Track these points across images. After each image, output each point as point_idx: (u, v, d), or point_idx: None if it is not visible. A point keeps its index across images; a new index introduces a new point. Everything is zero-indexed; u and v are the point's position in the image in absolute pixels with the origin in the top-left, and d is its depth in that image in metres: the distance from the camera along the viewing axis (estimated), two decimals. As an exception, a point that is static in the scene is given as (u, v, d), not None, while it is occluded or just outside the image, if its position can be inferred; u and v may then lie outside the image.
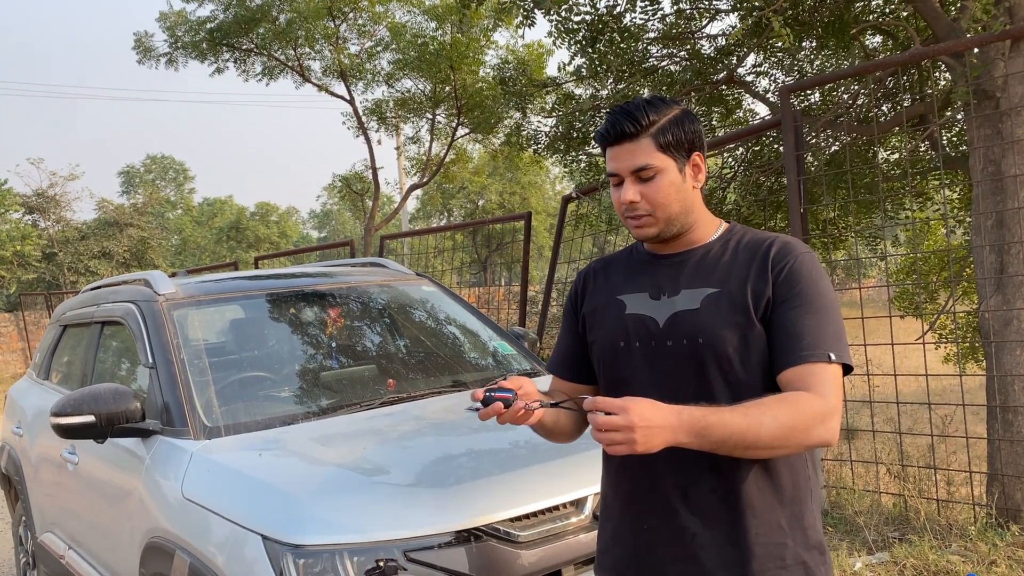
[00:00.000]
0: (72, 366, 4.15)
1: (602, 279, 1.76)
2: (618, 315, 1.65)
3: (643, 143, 1.57)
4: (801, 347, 1.48)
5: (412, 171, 18.35)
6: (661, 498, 1.56)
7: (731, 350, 1.52)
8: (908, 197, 6.19)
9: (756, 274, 1.56)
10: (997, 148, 4.23)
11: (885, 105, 6.09)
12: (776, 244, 1.59)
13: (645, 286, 1.65)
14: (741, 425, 1.37)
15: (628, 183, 1.59)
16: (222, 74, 15.93)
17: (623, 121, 1.57)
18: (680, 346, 1.55)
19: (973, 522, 4.13)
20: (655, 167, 1.57)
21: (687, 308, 1.57)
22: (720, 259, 1.62)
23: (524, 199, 30.28)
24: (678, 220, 1.60)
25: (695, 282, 1.59)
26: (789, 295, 1.53)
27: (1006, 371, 4.20)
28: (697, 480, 1.53)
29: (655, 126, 1.57)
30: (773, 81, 7.05)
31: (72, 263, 26.67)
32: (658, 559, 1.57)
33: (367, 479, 2.33)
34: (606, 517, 1.72)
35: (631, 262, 1.74)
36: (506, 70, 11.44)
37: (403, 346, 3.67)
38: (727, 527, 1.51)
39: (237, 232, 39.80)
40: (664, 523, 1.56)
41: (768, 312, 1.53)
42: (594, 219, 7.20)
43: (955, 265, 6.21)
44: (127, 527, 2.85)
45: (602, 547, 1.72)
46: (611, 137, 1.59)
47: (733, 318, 1.53)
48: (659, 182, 1.57)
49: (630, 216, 1.61)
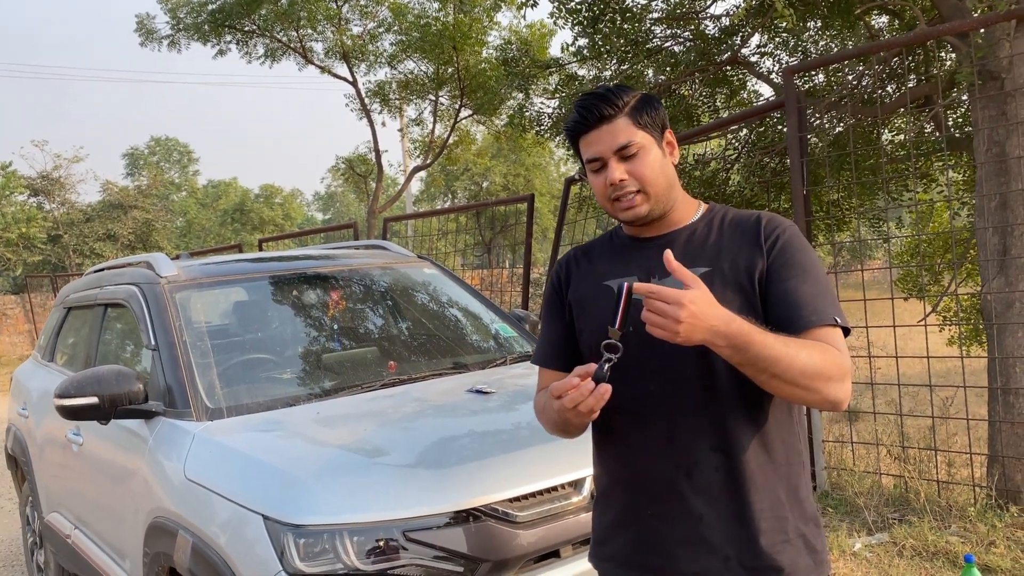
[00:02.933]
0: (76, 348, 4.18)
1: (585, 266, 1.73)
2: (607, 301, 1.58)
3: (620, 123, 1.58)
4: (808, 312, 1.50)
5: (415, 153, 18.31)
6: (664, 481, 1.56)
7: None
8: (912, 179, 6.17)
9: (747, 249, 1.57)
10: (1002, 129, 4.21)
11: (889, 86, 6.06)
12: (763, 219, 1.60)
13: (633, 270, 1.63)
14: (779, 351, 1.38)
15: (613, 163, 1.58)
16: (224, 56, 15.88)
17: (599, 103, 1.57)
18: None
19: (973, 503, 4.14)
20: (638, 143, 1.57)
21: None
22: (707, 238, 1.62)
23: (528, 181, 30.20)
24: (665, 196, 1.60)
25: (684, 262, 1.52)
26: (785, 265, 1.54)
27: (1008, 353, 4.20)
28: (700, 460, 1.53)
29: (628, 106, 1.59)
30: (777, 62, 7.01)
31: (77, 245, 26.73)
32: (666, 543, 1.56)
33: (368, 460, 2.35)
34: (604, 505, 1.69)
35: (613, 247, 1.72)
36: (509, 51, 11.38)
37: (404, 328, 3.68)
38: (733, 505, 1.53)
39: (241, 214, 39.82)
40: (670, 506, 1.56)
41: (762, 285, 1.54)
42: (597, 201, 7.17)
43: (958, 247, 6.19)
44: (131, 507, 2.88)
45: (599, 536, 1.70)
46: (589, 122, 1.59)
47: (727, 296, 1.51)
48: (644, 158, 1.58)
49: (619, 197, 1.59)
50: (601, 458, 1.70)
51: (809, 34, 6.74)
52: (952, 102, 5.62)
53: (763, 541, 1.52)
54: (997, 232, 4.25)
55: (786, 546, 1.54)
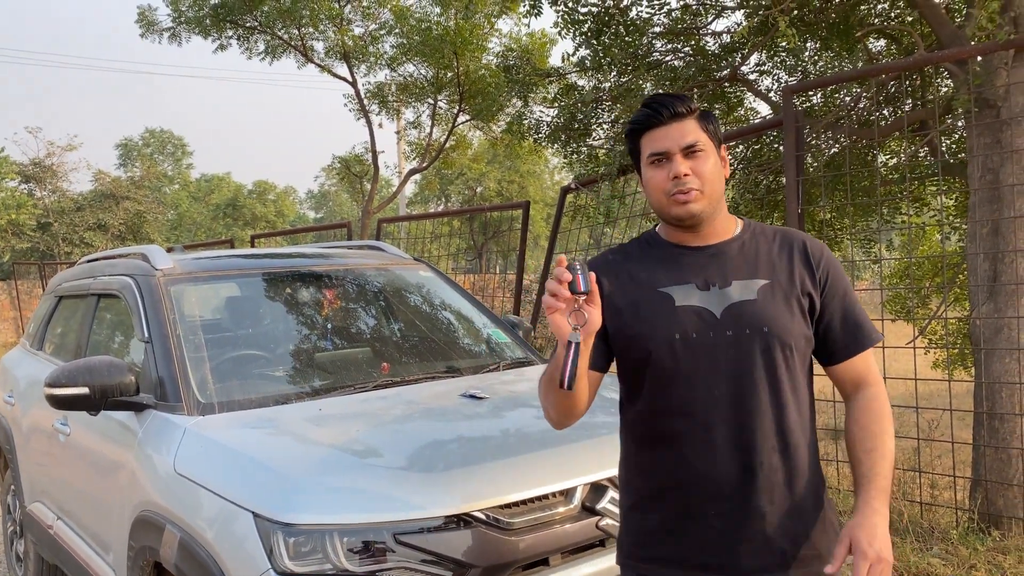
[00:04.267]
0: (66, 337, 4.16)
1: (628, 269, 1.74)
2: (667, 309, 1.66)
3: (690, 124, 1.66)
4: (864, 333, 1.71)
5: (412, 155, 18.30)
6: (730, 482, 1.62)
7: (792, 337, 1.64)
8: (905, 202, 6.22)
9: (799, 269, 1.69)
10: (996, 157, 4.25)
11: (886, 109, 6.10)
12: (807, 240, 1.73)
13: (689, 278, 1.68)
14: (891, 469, 1.65)
15: (679, 158, 1.65)
16: (225, 51, 15.85)
17: (675, 101, 1.66)
18: (742, 335, 1.63)
19: (955, 526, 4.18)
20: (703, 145, 1.66)
21: (744, 299, 1.64)
22: (758, 251, 1.71)
23: (522, 188, 30.24)
24: (717, 202, 1.69)
25: (744, 273, 1.68)
26: (836, 287, 1.70)
27: (994, 378, 4.24)
28: (764, 460, 1.62)
29: (697, 111, 1.69)
30: (776, 80, 7.05)
31: (67, 234, 26.58)
32: (728, 541, 1.62)
33: (360, 461, 2.35)
34: (647, 509, 1.71)
35: (657, 255, 1.74)
36: (510, 58, 11.39)
37: (398, 330, 3.68)
38: (790, 502, 1.63)
39: (234, 209, 39.68)
40: (735, 506, 1.62)
41: (814, 305, 1.68)
42: (592, 211, 7.21)
43: (948, 271, 6.25)
44: (117, 500, 2.87)
45: (642, 539, 1.71)
46: (663, 116, 1.66)
47: (788, 307, 1.65)
48: (707, 160, 1.66)
49: (679, 191, 1.65)
50: (647, 463, 1.72)
51: (808, 55, 6.79)
52: (948, 128, 5.67)
53: (813, 533, 1.66)
54: (988, 258, 4.29)
55: (824, 536, 1.68)
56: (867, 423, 1.67)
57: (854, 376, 1.73)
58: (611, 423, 2.77)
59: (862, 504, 1.60)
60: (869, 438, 1.66)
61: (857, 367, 1.72)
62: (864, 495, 1.61)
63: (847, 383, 1.74)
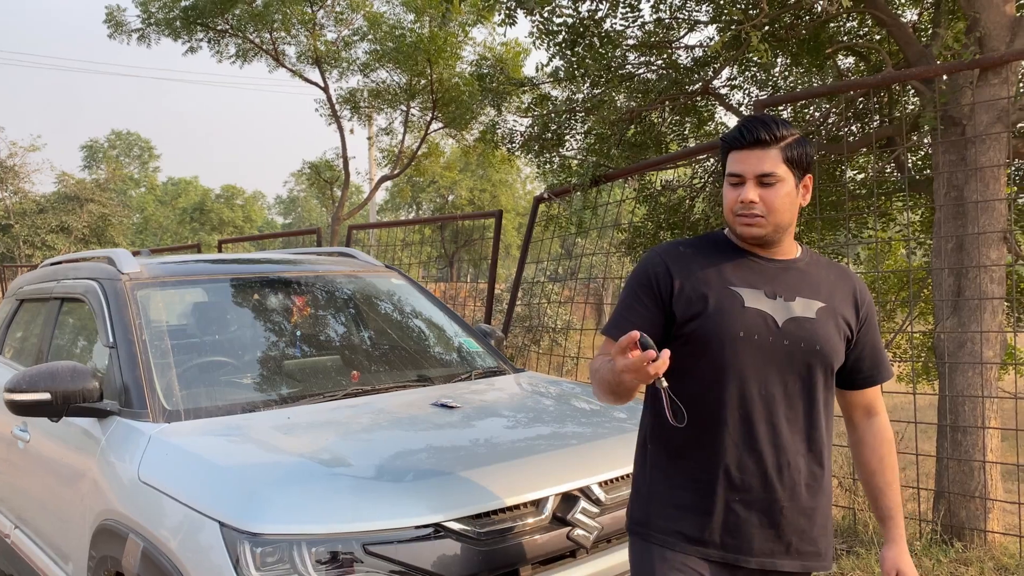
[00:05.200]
0: (27, 342, 4.06)
1: (699, 263, 1.84)
2: (736, 306, 1.79)
3: (772, 153, 1.76)
4: (885, 367, 1.96)
5: (383, 162, 18.23)
6: (761, 476, 1.77)
7: (836, 360, 1.83)
8: (872, 217, 6.31)
9: (848, 302, 1.87)
10: (961, 174, 4.34)
11: (855, 125, 6.20)
12: (857, 283, 1.93)
13: (758, 284, 1.82)
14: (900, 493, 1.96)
15: (751, 185, 1.76)
16: (195, 54, 15.68)
17: (761, 128, 1.75)
18: (796, 347, 1.78)
19: (919, 537, 4.23)
20: (779, 176, 1.75)
21: (804, 315, 1.80)
22: (819, 276, 1.87)
23: (494, 197, 30.28)
24: (783, 229, 1.80)
25: (806, 292, 1.83)
26: (871, 327, 1.92)
27: (958, 392, 4.30)
28: (791, 461, 1.79)
29: (784, 141, 1.76)
30: (747, 95, 7.14)
31: (28, 236, 26.06)
32: (746, 526, 1.79)
33: (328, 470, 2.31)
34: (678, 485, 1.84)
35: (729, 256, 1.85)
36: (483, 67, 11.41)
37: (369, 338, 3.65)
38: (804, 502, 1.80)
39: (201, 214, 39.24)
40: (758, 496, 1.78)
41: (850, 339, 1.87)
42: (564, 221, 7.22)
43: (914, 286, 6.35)
44: (78, 508, 2.80)
45: (668, 512, 1.84)
46: (746, 141, 1.76)
47: (839, 333, 1.83)
48: (779, 190, 1.76)
49: (743, 214, 1.78)
50: (678, 445, 1.84)
51: (779, 70, 6.88)
52: (914, 144, 5.77)
53: (815, 533, 1.83)
54: (952, 273, 4.37)
55: (823, 537, 1.86)
56: (884, 454, 1.95)
57: (867, 403, 1.96)
58: (582, 434, 2.77)
59: (897, 536, 1.94)
60: (888, 470, 1.94)
61: (870, 396, 1.96)
62: (896, 528, 1.95)
63: (859, 409, 1.97)
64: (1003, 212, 4.26)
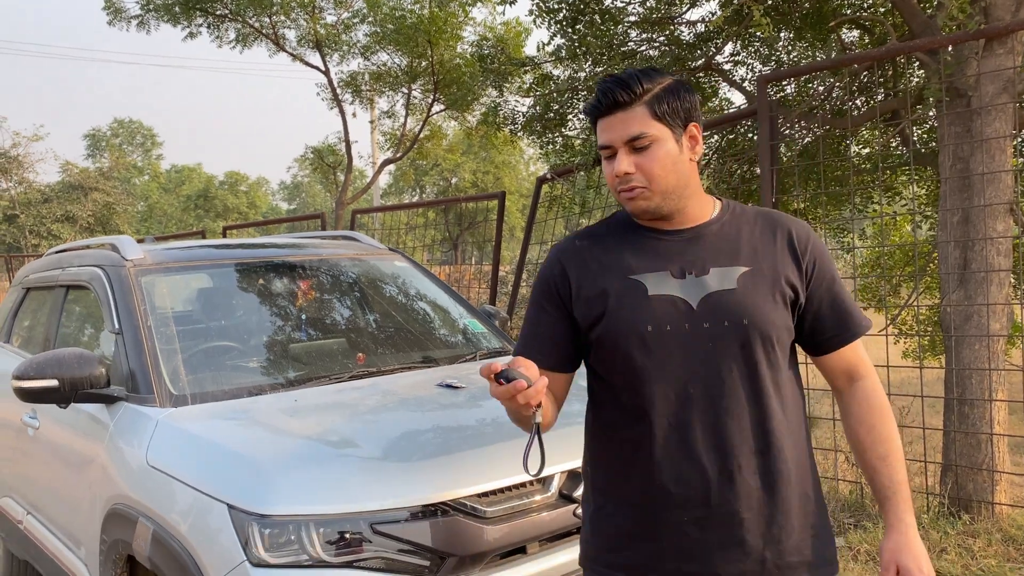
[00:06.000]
0: (34, 330, 4.08)
1: (596, 256, 1.61)
2: (639, 297, 1.53)
3: (637, 111, 1.51)
4: (855, 321, 1.62)
5: (386, 146, 18.18)
6: (706, 487, 1.50)
7: (774, 330, 1.53)
8: (877, 191, 6.28)
9: (783, 257, 1.57)
10: (966, 146, 4.30)
11: (859, 99, 6.15)
12: (792, 226, 1.61)
13: (663, 264, 1.55)
14: (905, 470, 1.59)
15: (622, 154, 1.52)
16: (195, 39, 15.62)
17: (616, 89, 1.51)
18: (720, 328, 1.51)
19: (926, 511, 4.24)
20: (650, 136, 1.51)
21: (723, 288, 1.52)
22: (739, 235, 1.58)
23: (498, 178, 30.21)
24: (674, 193, 1.54)
25: (722, 259, 1.55)
26: (823, 275, 1.60)
27: (964, 365, 4.29)
28: (743, 464, 1.50)
29: (649, 94, 1.52)
30: (750, 70, 7.09)
31: (34, 226, 26.14)
32: (703, 548, 1.51)
33: (335, 451, 2.33)
34: (614, 513, 1.59)
35: (630, 238, 1.61)
36: (484, 47, 11.35)
37: (373, 320, 3.66)
38: (770, 506, 1.52)
39: (205, 201, 39.28)
40: (712, 511, 1.50)
41: (798, 295, 1.57)
42: (567, 201, 7.20)
43: (920, 260, 6.32)
44: (88, 494, 2.82)
45: (610, 544, 1.59)
46: (603, 107, 1.52)
47: (773, 298, 1.54)
48: (655, 152, 1.51)
49: (624, 189, 1.53)
50: (618, 464, 1.59)
51: (782, 44, 6.82)
52: (919, 117, 5.73)
53: (796, 538, 1.54)
54: (959, 246, 4.34)
55: (814, 540, 1.56)
56: (874, 423, 1.59)
57: (846, 367, 1.63)
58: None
59: (895, 521, 1.53)
60: (880, 442, 1.58)
61: (848, 357, 1.63)
62: (894, 511, 1.55)
63: (839, 375, 1.65)
64: (1009, 184, 4.23)
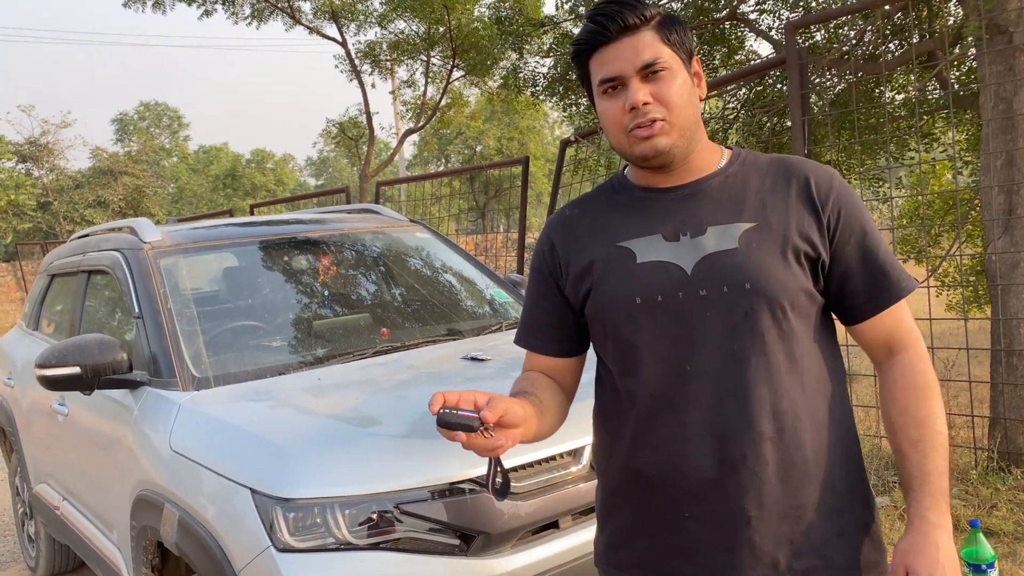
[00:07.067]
0: (61, 316, 4.08)
1: (585, 226, 1.45)
2: (626, 266, 1.37)
3: (647, 36, 1.33)
4: (891, 281, 1.35)
5: (408, 116, 18.06)
6: (706, 479, 1.31)
7: (786, 295, 1.30)
8: (914, 138, 6.05)
9: (799, 207, 1.34)
10: (1009, 85, 4.09)
11: (893, 42, 5.91)
12: (810, 171, 1.38)
13: (655, 227, 1.37)
14: (946, 461, 1.31)
15: (636, 83, 1.32)
16: (210, 17, 15.55)
17: (622, 11, 1.32)
18: (719, 295, 1.31)
19: (974, 466, 4.11)
20: (665, 62, 1.32)
21: (722, 248, 1.32)
22: (745, 187, 1.37)
23: (522, 144, 29.96)
24: (691, 132, 1.36)
25: (723, 215, 1.35)
26: (851, 227, 1.35)
27: (1012, 314, 4.13)
28: (747, 453, 1.29)
29: (656, 18, 1.35)
30: (777, 19, 6.84)
31: (67, 212, 26.52)
32: (707, 549, 1.33)
33: (360, 430, 2.27)
34: (616, 507, 1.45)
35: (620, 200, 1.45)
36: (502, 9, 11.13)
37: (397, 294, 3.59)
38: (783, 502, 1.30)
39: (233, 180, 39.53)
40: (714, 508, 1.31)
41: (819, 253, 1.33)
42: (593, 163, 7.06)
43: (961, 207, 6.10)
44: (117, 479, 2.80)
45: (613, 541, 1.46)
46: (610, 32, 1.33)
47: (784, 256, 1.31)
48: (672, 80, 1.32)
49: (640, 124, 1.32)
50: (613, 450, 1.43)
51: (810, -11, 6.57)
52: (957, 58, 5.48)
53: (815, 539, 1.31)
54: (1003, 191, 4.15)
55: (841, 540, 1.33)
56: (908, 404, 1.33)
57: (883, 337, 1.38)
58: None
59: (916, 518, 1.28)
60: (914, 425, 1.31)
61: (885, 325, 1.36)
62: (917, 505, 1.28)
63: (876, 346, 1.39)
64: (1056, 122, 4.02)
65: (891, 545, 1.31)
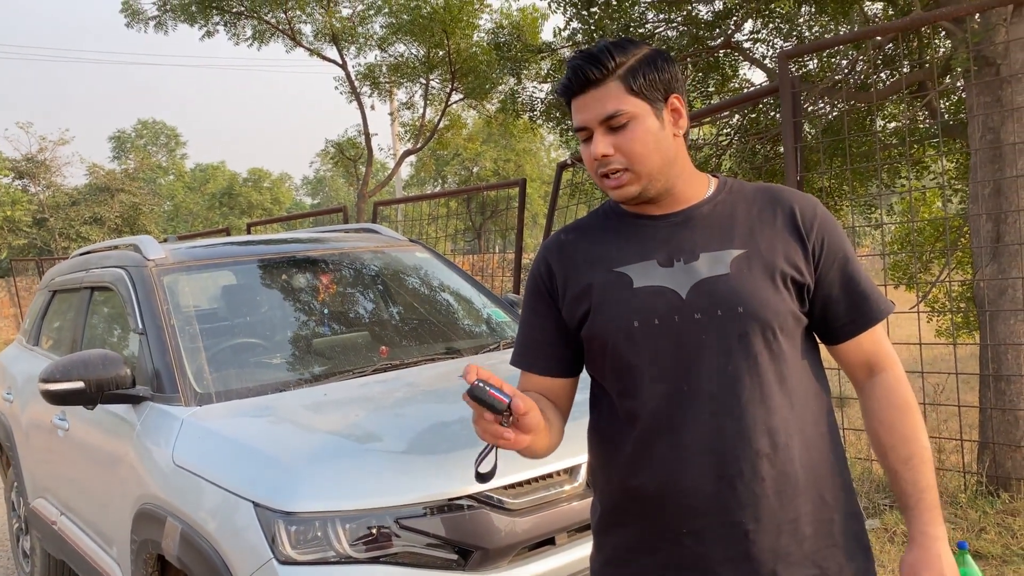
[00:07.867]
0: (62, 332, 4.12)
1: (583, 250, 1.50)
2: (624, 291, 1.42)
3: (611, 87, 1.38)
4: (871, 305, 1.45)
5: (406, 137, 18.20)
6: (704, 496, 1.36)
7: (776, 318, 1.38)
8: (905, 166, 6.15)
9: (786, 235, 1.42)
10: (996, 115, 4.19)
11: (884, 72, 6.03)
12: (795, 201, 1.45)
13: (649, 252, 1.43)
14: (933, 473, 1.44)
15: (598, 135, 1.39)
16: (212, 38, 15.70)
17: (585, 66, 1.38)
18: (713, 319, 1.37)
19: (963, 490, 4.16)
20: (627, 112, 1.38)
21: (714, 274, 1.39)
22: (734, 215, 1.44)
23: (519, 166, 30.13)
24: (661, 174, 1.42)
25: (714, 242, 1.41)
26: (834, 254, 1.43)
27: (1000, 340, 4.20)
28: (744, 468, 1.35)
29: (623, 67, 1.39)
30: (771, 47, 6.97)
31: (63, 229, 26.52)
32: (707, 563, 1.37)
33: (360, 446, 2.31)
34: (615, 524, 1.48)
35: (615, 227, 1.50)
36: (500, 35, 11.28)
37: (396, 313, 3.64)
38: (778, 515, 1.36)
39: (230, 198, 39.62)
40: (712, 523, 1.36)
41: (804, 278, 1.41)
42: (589, 187, 7.14)
43: (951, 234, 6.20)
44: (118, 494, 2.84)
45: (611, 557, 1.49)
46: (575, 86, 1.40)
47: (772, 281, 1.39)
48: (633, 130, 1.38)
49: (604, 174, 1.41)
50: (609, 469, 1.48)
51: (803, 19, 6.70)
52: (947, 88, 5.60)
53: (808, 548, 1.38)
54: (991, 219, 4.24)
55: (833, 550, 1.40)
56: (893, 422, 1.43)
57: (864, 357, 1.47)
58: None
59: (917, 533, 1.38)
60: (902, 443, 1.42)
61: (865, 346, 1.46)
62: (917, 521, 1.39)
63: (857, 366, 1.48)
64: (1042, 153, 4.11)
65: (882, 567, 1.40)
